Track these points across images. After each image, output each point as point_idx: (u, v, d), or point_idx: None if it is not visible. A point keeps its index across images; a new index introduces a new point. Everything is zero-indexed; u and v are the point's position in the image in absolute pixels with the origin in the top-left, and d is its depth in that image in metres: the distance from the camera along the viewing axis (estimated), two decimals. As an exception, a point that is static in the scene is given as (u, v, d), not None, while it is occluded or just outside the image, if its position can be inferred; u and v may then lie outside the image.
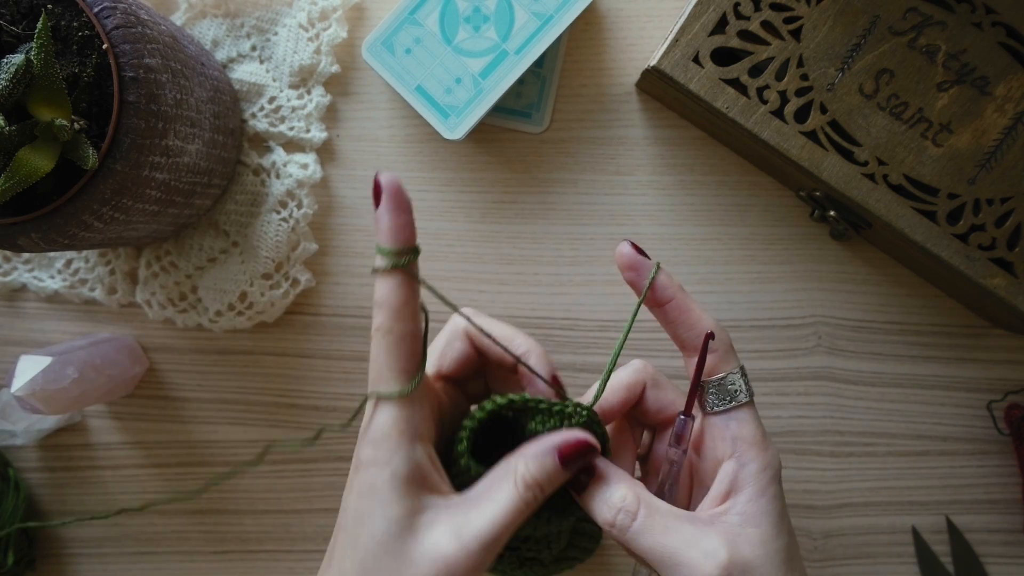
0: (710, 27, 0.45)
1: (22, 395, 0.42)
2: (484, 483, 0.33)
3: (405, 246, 0.33)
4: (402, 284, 0.33)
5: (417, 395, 0.33)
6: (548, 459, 0.32)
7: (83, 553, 0.52)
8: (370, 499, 0.32)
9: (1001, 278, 0.44)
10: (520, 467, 0.32)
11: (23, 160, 0.34)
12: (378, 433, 0.33)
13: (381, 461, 0.32)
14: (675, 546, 0.31)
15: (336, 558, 0.33)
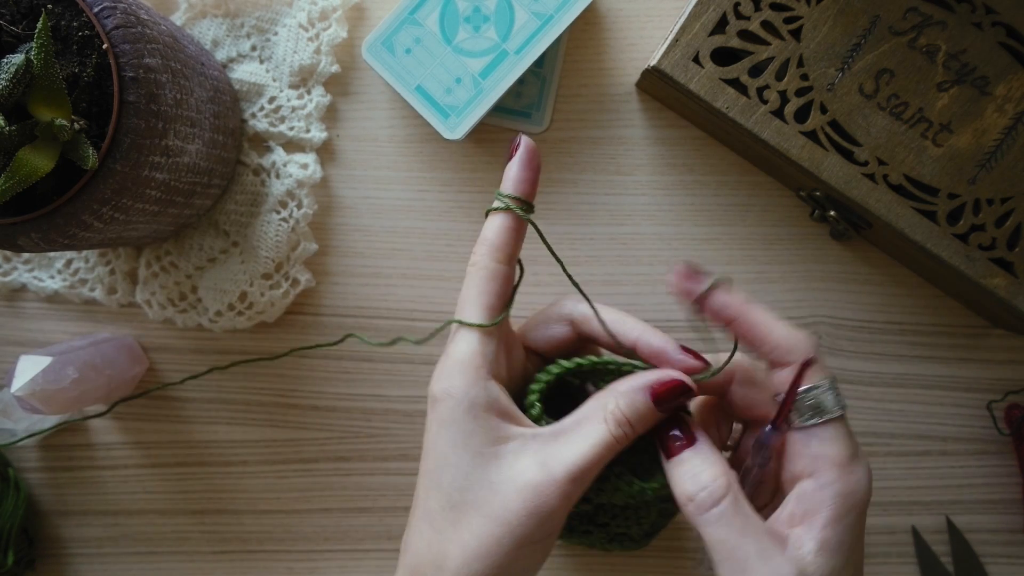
0: (710, 27, 0.45)
1: (22, 395, 0.42)
2: (573, 418, 0.33)
3: (522, 195, 0.34)
4: (509, 227, 0.34)
5: (497, 335, 0.34)
6: (640, 396, 0.32)
7: (83, 553, 0.52)
8: (450, 429, 0.32)
9: (1001, 278, 0.44)
10: (611, 404, 0.32)
11: (23, 160, 0.34)
12: (455, 364, 0.33)
13: (458, 392, 0.32)
14: (747, 552, 0.30)
15: (420, 499, 0.33)
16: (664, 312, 0.50)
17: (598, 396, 0.33)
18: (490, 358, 0.33)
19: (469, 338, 0.33)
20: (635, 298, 0.50)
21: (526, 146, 0.34)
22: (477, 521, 0.31)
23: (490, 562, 0.30)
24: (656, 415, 0.32)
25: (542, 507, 0.30)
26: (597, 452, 0.31)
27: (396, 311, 0.51)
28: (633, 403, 0.32)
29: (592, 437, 0.31)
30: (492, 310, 0.34)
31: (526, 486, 0.31)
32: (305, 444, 0.51)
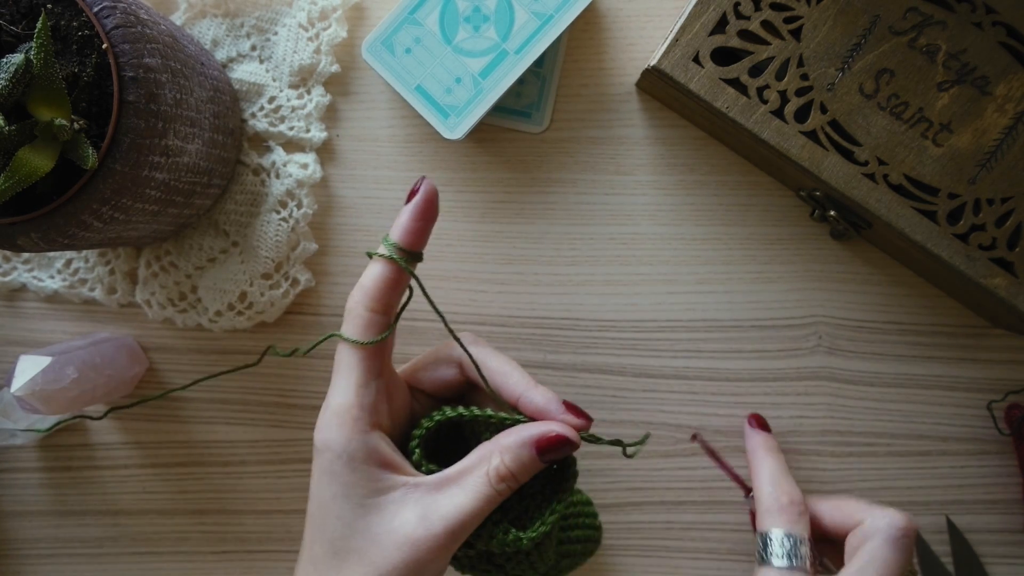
0: (710, 27, 0.45)
1: (22, 395, 0.42)
2: (456, 468, 0.33)
3: (407, 247, 0.34)
4: (387, 277, 0.34)
5: (376, 383, 0.33)
6: (525, 451, 0.32)
7: (83, 553, 0.52)
8: (331, 481, 0.32)
9: (1001, 278, 0.44)
10: (495, 459, 0.32)
11: (23, 160, 0.34)
12: (332, 416, 0.33)
13: (336, 446, 0.32)
14: None
15: (307, 543, 0.34)
16: (664, 312, 0.50)
17: (483, 447, 0.33)
18: (367, 408, 0.33)
19: (345, 387, 0.33)
20: (635, 298, 0.50)
21: (425, 193, 0.33)
22: (358, 570, 0.31)
23: None
24: (539, 466, 0.33)
25: (419, 560, 0.31)
26: (478, 506, 0.32)
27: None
28: (518, 457, 0.32)
29: (474, 491, 0.32)
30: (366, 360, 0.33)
31: (405, 540, 0.31)
32: (305, 444, 0.51)
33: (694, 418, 0.50)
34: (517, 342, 0.50)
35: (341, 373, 0.34)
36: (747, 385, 0.50)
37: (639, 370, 0.50)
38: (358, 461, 0.32)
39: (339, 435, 0.32)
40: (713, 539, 0.50)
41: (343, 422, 0.32)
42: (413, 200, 0.33)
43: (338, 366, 0.34)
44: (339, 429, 0.32)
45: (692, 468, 0.50)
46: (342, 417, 0.33)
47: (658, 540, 0.51)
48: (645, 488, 0.50)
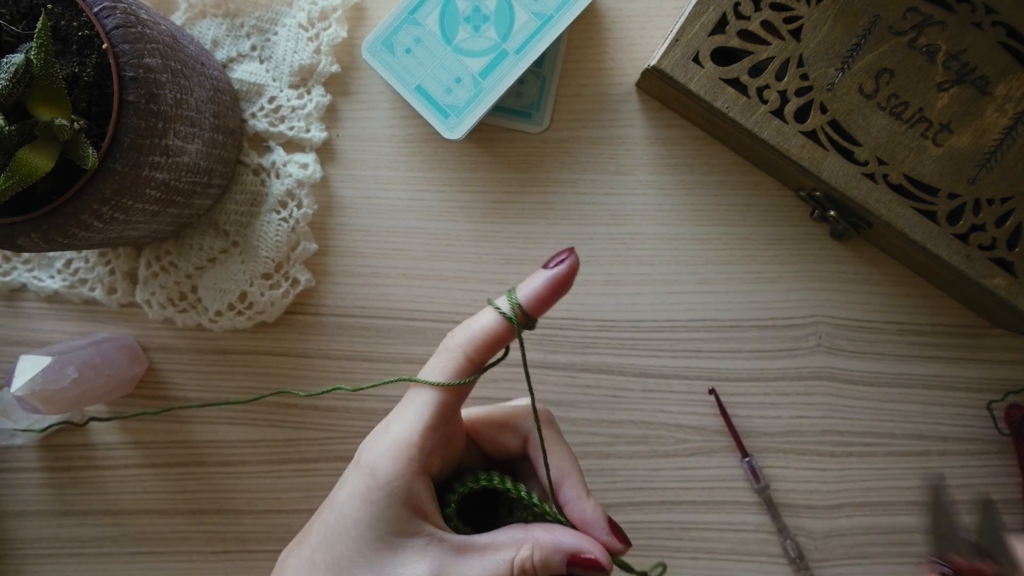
0: (710, 27, 0.45)
1: (22, 395, 0.42)
2: (484, 539, 0.32)
3: (529, 312, 0.32)
4: (496, 333, 0.32)
5: (442, 428, 0.32)
6: (558, 557, 0.31)
7: (83, 553, 0.52)
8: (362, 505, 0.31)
9: (1001, 278, 0.44)
10: (526, 551, 0.31)
11: (23, 160, 0.34)
12: (390, 443, 0.31)
13: (381, 476, 0.31)
14: None
15: (309, 546, 0.33)
16: (664, 312, 0.50)
17: (518, 531, 0.32)
18: (427, 452, 0.31)
19: (413, 423, 0.32)
20: (635, 298, 0.50)
21: (568, 266, 0.32)
22: None
23: None
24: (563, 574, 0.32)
25: None
26: None
27: (396, 311, 0.51)
28: (547, 560, 0.31)
29: (494, 571, 0.31)
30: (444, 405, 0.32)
31: None
32: (305, 444, 0.51)
33: (694, 418, 0.50)
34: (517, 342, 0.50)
35: (414, 407, 0.32)
36: (747, 385, 0.50)
37: (639, 370, 0.50)
38: (396, 499, 0.31)
39: (391, 467, 0.31)
40: (713, 539, 0.50)
41: (398, 457, 0.31)
42: (555, 269, 0.32)
43: (413, 398, 0.32)
44: (393, 462, 0.31)
45: (692, 468, 0.50)
46: (399, 451, 0.31)
47: (658, 540, 0.51)
48: (645, 488, 0.50)
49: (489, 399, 0.51)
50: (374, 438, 0.32)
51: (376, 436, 0.32)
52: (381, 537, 0.31)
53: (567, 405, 0.51)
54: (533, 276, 0.32)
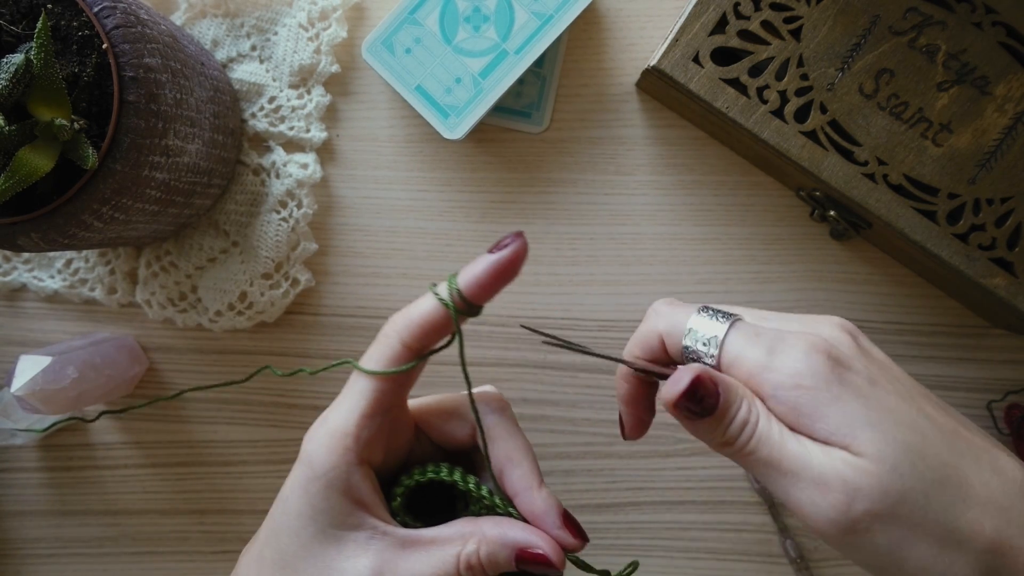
0: (710, 27, 0.45)
1: (22, 395, 0.42)
2: (429, 534, 0.31)
3: (471, 298, 0.31)
4: (437, 319, 0.30)
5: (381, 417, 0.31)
6: (505, 552, 0.30)
7: (83, 553, 0.52)
8: (302, 497, 0.30)
9: (1001, 278, 0.44)
10: (471, 545, 0.30)
11: (23, 160, 0.34)
12: (326, 433, 0.30)
13: (318, 467, 0.30)
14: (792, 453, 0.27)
15: (259, 541, 0.32)
16: (664, 312, 0.50)
17: (464, 525, 0.31)
18: (363, 441, 0.30)
19: (348, 412, 0.30)
20: (635, 298, 0.50)
21: (513, 251, 0.30)
22: None
23: None
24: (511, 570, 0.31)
25: None
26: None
27: (396, 311, 0.51)
28: (494, 555, 0.30)
29: (438, 567, 0.30)
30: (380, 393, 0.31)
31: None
32: (305, 444, 0.51)
33: (694, 418, 0.50)
34: (517, 342, 0.50)
35: (350, 395, 0.31)
36: (747, 385, 0.50)
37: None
38: (334, 490, 0.30)
39: (326, 458, 0.30)
40: (713, 539, 0.50)
41: (334, 446, 0.30)
42: (498, 254, 0.30)
43: (351, 385, 0.31)
44: (328, 452, 0.30)
45: (692, 468, 0.50)
46: (334, 440, 0.30)
47: (658, 540, 0.51)
48: (645, 488, 0.50)
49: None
50: (313, 428, 0.31)
51: (315, 426, 0.31)
52: (323, 530, 0.30)
53: (567, 405, 0.51)
54: (476, 260, 0.30)
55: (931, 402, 0.28)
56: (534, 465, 0.32)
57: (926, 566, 0.25)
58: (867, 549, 0.26)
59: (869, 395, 0.27)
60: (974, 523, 0.25)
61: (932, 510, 0.25)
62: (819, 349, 0.27)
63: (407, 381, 0.31)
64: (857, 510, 0.25)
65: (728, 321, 0.30)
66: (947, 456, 0.26)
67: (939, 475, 0.26)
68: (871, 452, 0.25)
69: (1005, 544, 0.25)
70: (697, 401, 0.28)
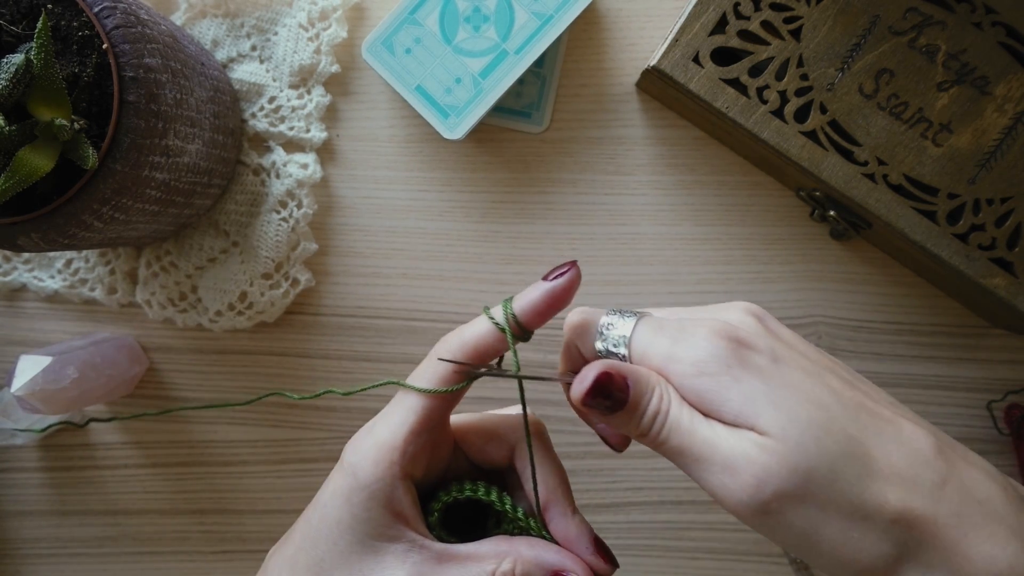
0: (710, 27, 0.45)
1: (22, 395, 0.42)
2: (467, 549, 0.31)
3: (525, 324, 0.32)
4: (491, 342, 0.31)
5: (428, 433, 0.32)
6: (538, 573, 0.31)
7: (83, 553, 0.52)
8: (344, 506, 0.31)
9: (1001, 278, 0.44)
10: (507, 565, 0.31)
11: (23, 160, 0.34)
12: (373, 445, 0.31)
13: (363, 478, 0.30)
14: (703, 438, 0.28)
15: (293, 545, 0.33)
16: (664, 312, 0.50)
17: (501, 543, 0.32)
18: (409, 457, 0.31)
19: (397, 427, 0.31)
20: (635, 298, 0.50)
21: (568, 280, 0.31)
22: None
23: None
24: None
25: None
26: None
27: (396, 311, 0.51)
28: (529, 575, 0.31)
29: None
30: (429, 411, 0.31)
31: None
32: (305, 444, 0.51)
33: (694, 418, 0.50)
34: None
35: (400, 411, 0.31)
36: (747, 385, 0.50)
37: (639, 370, 0.50)
38: (377, 502, 0.30)
39: (372, 469, 0.30)
40: (713, 539, 0.50)
41: (380, 459, 0.31)
42: (554, 281, 0.31)
43: (400, 400, 0.32)
44: (374, 464, 0.31)
45: (692, 468, 0.50)
46: (381, 453, 0.31)
47: (658, 540, 0.51)
48: (645, 488, 0.50)
49: (493, 401, 0.51)
50: (358, 439, 0.32)
51: (360, 437, 0.32)
52: (361, 540, 0.30)
53: (567, 405, 0.50)
54: (531, 287, 0.31)
55: (837, 376, 0.28)
56: (568, 491, 0.33)
57: (839, 543, 0.25)
58: (783, 530, 0.26)
59: (772, 373, 0.26)
60: (878, 496, 0.25)
61: (839, 486, 0.25)
62: (720, 334, 0.27)
63: (454, 400, 0.32)
64: (766, 491, 0.25)
65: (635, 318, 0.30)
66: (852, 429, 0.26)
67: (844, 449, 0.25)
68: (775, 430, 0.25)
69: (911, 514, 0.25)
70: (607, 396, 0.28)
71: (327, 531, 0.31)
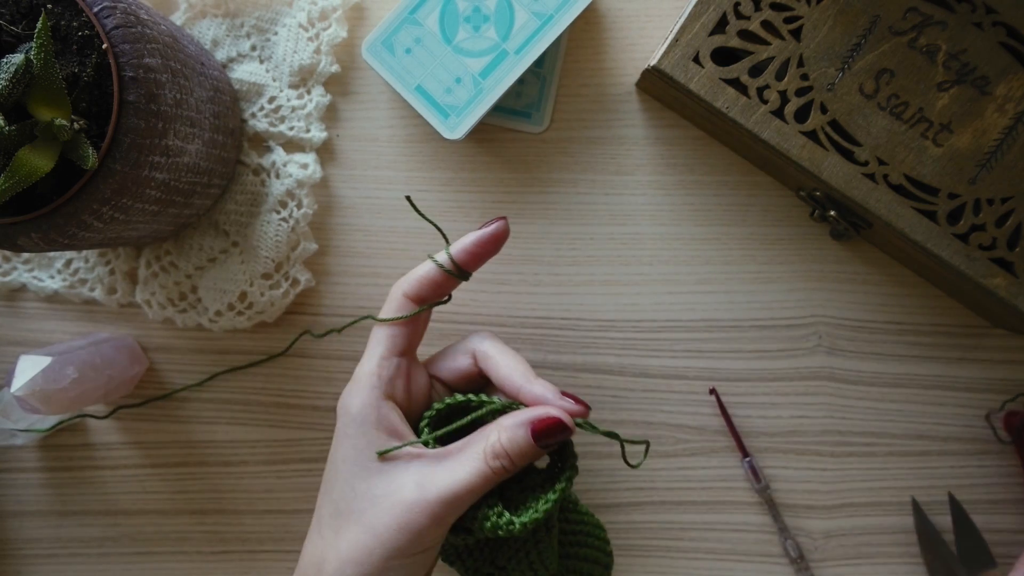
0: (710, 27, 0.45)
1: (22, 395, 0.42)
2: (458, 445, 0.35)
3: (459, 263, 0.38)
4: (431, 276, 0.38)
5: (397, 360, 0.37)
6: (521, 431, 0.34)
7: (83, 553, 0.52)
8: (344, 443, 0.35)
9: (1001, 278, 0.44)
10: (493, 436, 0.34)
11: (23, 160, 0.34)
12: (354, 384, 0.36)
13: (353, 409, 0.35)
14: None
15: (318, 506, 0.36)
16: (664, 312, 0.50)
17: (485, 428, 0.35)
18: (385, 379, 0.36)
19: (368, 359, 0.37)
20: (635, 298, 0.50)
21: (495, 229, 0.37)
22: (354, 530, 0.33)
23: (361, 570, 0.33)
24: (535, 451, 0.34)
25: (411, 524, 0.33)
26: (472, 480, 0.33)
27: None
28: (513, 438, 0.34)
29: (470, 465, 0.34)
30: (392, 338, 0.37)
31: (400, 503, 0.33)
32: (305, 444, 0.51)
33: (694, 418, 0.50)
34: (517, 342, 0.50)
35: (369, 347, 0.37)
36: (747, 385, 0.50)
37: (639, 370, 0.50)
38: (369, 425, 0.34)
39: (356, 400, 0.35)
40: (713, 539, 0.50)
41: (361, 388, 0.35)
42: (483, 229, 0.37)
43: (370, 340, 0.37)
44: (357, 395, 0.35)
45: (692, 468, 0.50)
46: (361, 383, 0.36)
47: (658, 540, 0.51)
48: (645, 488, 0.50)
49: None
50: (345, 390, 0.37)
51: (346, 387, 0.37)
52: (366, 466, 0.34)
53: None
54: (467, 235, 0.38)
55: None
56: (528, 367, 0.37)
57: None
58: None
59: None
60: None
61: None
62: None
63: (415, 328, 0.38)
64: None
65: None
66: None
67: None
68: None
69: None
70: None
71: (337, 473, 0.35)
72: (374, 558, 0.33)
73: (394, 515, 0.33)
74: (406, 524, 0.33)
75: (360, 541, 0.33)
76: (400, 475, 0.34)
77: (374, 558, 0.33)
